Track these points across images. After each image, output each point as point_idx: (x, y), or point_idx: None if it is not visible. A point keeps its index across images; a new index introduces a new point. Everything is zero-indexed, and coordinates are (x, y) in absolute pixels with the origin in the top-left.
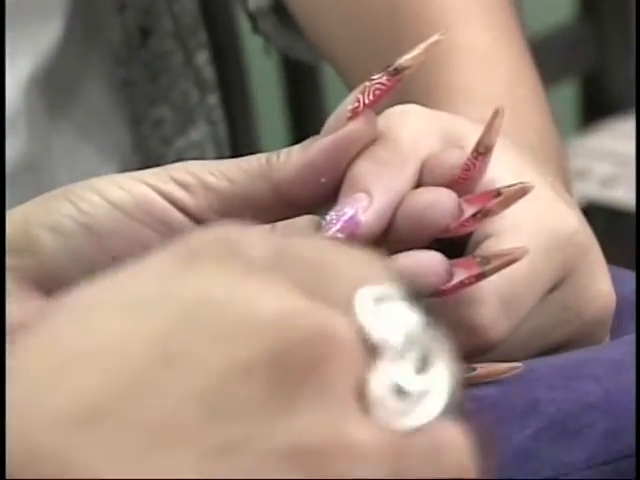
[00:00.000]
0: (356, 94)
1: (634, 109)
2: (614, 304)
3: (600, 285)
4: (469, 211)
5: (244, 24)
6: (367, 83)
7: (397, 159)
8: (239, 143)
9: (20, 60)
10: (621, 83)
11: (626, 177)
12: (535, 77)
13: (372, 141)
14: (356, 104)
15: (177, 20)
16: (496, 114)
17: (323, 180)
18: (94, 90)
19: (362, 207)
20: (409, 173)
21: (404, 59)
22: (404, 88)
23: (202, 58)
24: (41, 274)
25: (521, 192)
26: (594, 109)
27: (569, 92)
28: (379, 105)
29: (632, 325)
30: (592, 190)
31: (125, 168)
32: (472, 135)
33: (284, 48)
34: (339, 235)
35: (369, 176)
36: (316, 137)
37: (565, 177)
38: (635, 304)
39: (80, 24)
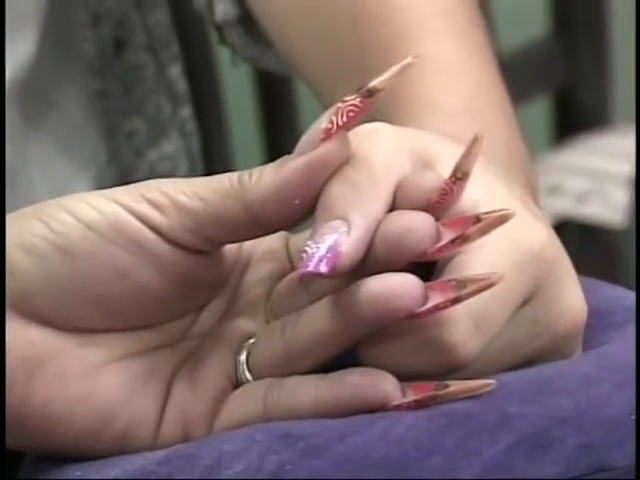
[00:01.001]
0: (329, 115)
1: (607, 125)
2: (585, 317)
3: (571, 298)
4: (447, 236)
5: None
6: (340, 104)
7: (371, 182)
8: (213, 156)
9: None
10: (594, 99)
11: (599, 193)
12: (501, 88)
13: (345, 162)
14: (329, 125)
15: (150, 32)
16: (475, 140)
17: (296, 201)
18: (70, 101)
19: (341, 237)
20: (384, 197)
21: (377, 81)
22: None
23: (175, 70)
24: (15, 295)
25: (501, 219)
26: (567, 125)
27: (542, 108)
28: (352, 125)
29: (602, 337)
30: (566, 206)
31: (101, 179)
32: (441, 152)
33: (251, 60)
34: (321, 268)
35: (345, 201)
36: (288, 157)
37: (533, 189)
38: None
39: (55, 36)
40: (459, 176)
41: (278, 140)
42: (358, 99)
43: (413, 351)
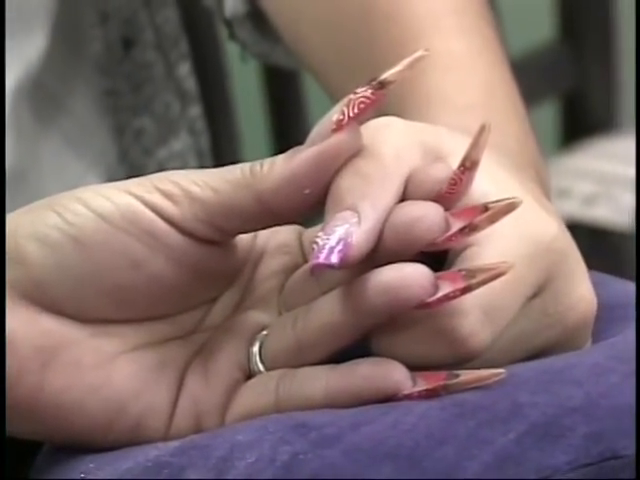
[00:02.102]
0: (341, 106)
1: (614, 128)
2: (595, 309)
3: (581, 290)
4: (456, 225)
5: (225, 33)
6: (352, 96)
7: (381, 174)
8: (222, 154)
9: (7, 71)
10: (601, 103)
11: (607, 196)
12: (512, 84)
13: (355, 154)
14: (340, 117)
15: (159, 31)
16: (482, 129)
17: (307, 191)
18: (80, 100)
19: (351, 228)
20: (394, 189)
21: (389, 74)
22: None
23: (184, 69)
24: (29, 286)
25: (509, 207)
26: (575, 129)
27: (550, 112)
28: (363, 118)
29: (613, 329)
30: (573, 209)
31: (111, 177)
32: (452, 146)
33: (261, 55)
34: (332, 259)
35: (355, 192)
36: (300, 147)
37: (544, 183)
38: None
39: (64, 35)
40: (468, 166)
41: (287, 138)
42: (369, 91)
43: (424, 341)
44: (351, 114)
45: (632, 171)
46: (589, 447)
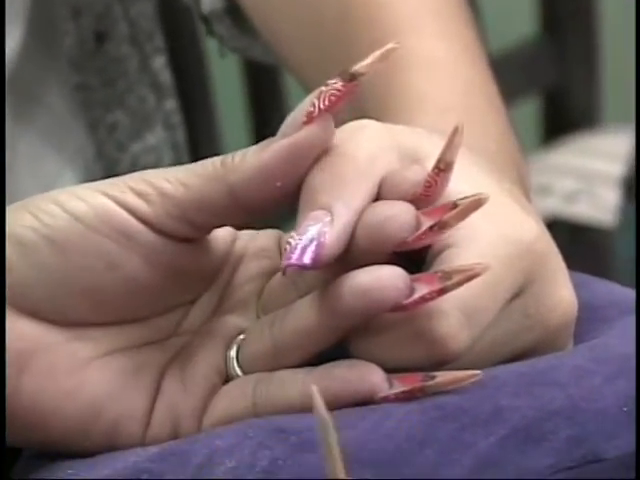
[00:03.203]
0: (311, 99)
1: (596, 125)
2: (576, 310)
3: (562, 291)
4: (426, 224)
5: (203, 28)
6: (323, 88)
7: (355, 174)
8: (200, 147)
9: None
10: (583, 99)
11: (589, 192)
12: (491, 84)
13: (328, 149)
14: (311, 109)
15: (133, 25)
16: (456, 131)
17: (278, 184)
18: (54, 95)
19: (324, 228)
20: (367, 189)
21: (359, 66)
22: (359, 92)
23: (159, 62)
24: (6, 287)
25: (476, 203)
26: (556, 125)
27: (531, 108)
28: (335, 110)
29: (594, 330)
30: (555, 205)
31: (89, 173)
32: (430, 148)
33: (239, 50)
34: (304, 260)
35: (329, 192)
36: (272, 139)
37: (524, 183)
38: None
39: (39, 29)
40: (442, 167)
41: (266, 130)
42: (340, 83)
43: (403, 344)
44: (322, 106)
45: (614, 168)
46: (571, 450)
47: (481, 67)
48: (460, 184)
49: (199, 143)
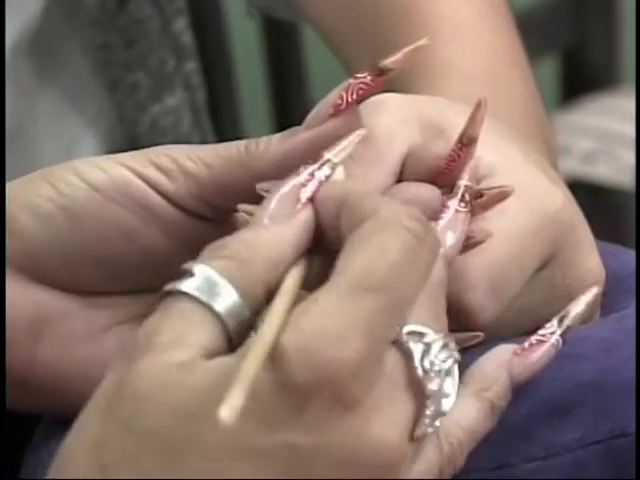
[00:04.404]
0: (339, 91)
1: (615, 85)
2: (603, 280)
3: (588, 262)
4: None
5: None
6: (351, 80)
7: (374, 155)
8: (219, 109)
9: (7, 25)
10: (602, 59)
11: (608, 153)
12: (518, 48)
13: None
14: (339, 101)
15: None
16: (479, 106)
17: None
18: (77, 55)
19: None
20: (387, 168)
21: (389, 61)
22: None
23: (180, 24)
24: (22, 256)
25: (502, 195)
26: (575, 85)
27: (550, 68)
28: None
29: (622, 301)
30: (574, 166)
31: (109, 136)
32: (452, 117)
33: (265, 9)
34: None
35: (348, 174)
36: (297, 128)
37: (550, 150)
38: (635, 290)
39: None
40: (465, 142)
41: (285, 90)
42: (369, 77)
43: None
44: (349, 99)
45: (632, 128)
46: (598, 424)
47: (507, 30)
48: (488, 156)
49: (218, 104)
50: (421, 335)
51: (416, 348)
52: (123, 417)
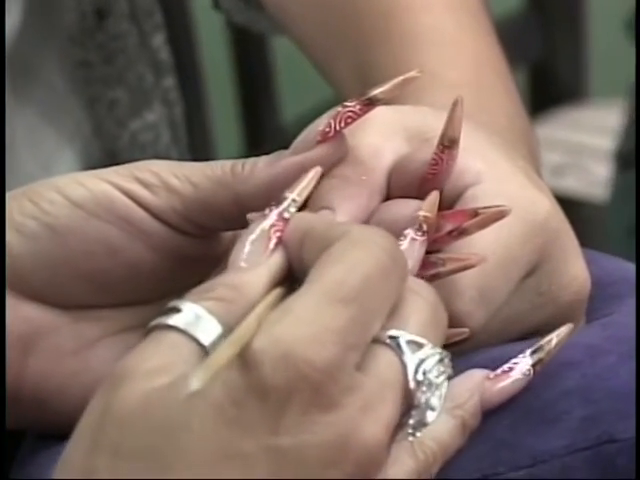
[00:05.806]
0: (328, 118)
1: (582, 98)
2: (589, 288)
3: (574, 269)
4: (446, 227)
5: (196, 3)
6: (340, 109)
7: (359, 173)
8: (193, 124)
9: None
10: (569, 72)
11: (576, 166)
12: (501, 59)
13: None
14: (327, 129)
15: (133, 1)
16: (456, 106)
17: None
18: (55, 72)
19: None
20: (373, 185)
21: (379, 91)
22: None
23: (158, 40)
24: (9, 273)
25: (498, 215)
26: (542, 99)
27: (518, 81)
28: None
29: (607, 307)
30: (543, 179)
31: (87, 151)
32: (437, 125)
33: (245, 23)
34: None
35: (333, 194)
36: (283, 152)
37: (535, 158)
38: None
39: (39, 6)
40: (446, 144)
41: (255, 106)
42: (358, 106)
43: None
44: (337, 127)
45: (601, 141)
46: (586, 430)
47: (490, 40)
48: (473, 161)
49: (192, 119)
50: (419, 346)
51: (412, 358)
52: (110, 444)
